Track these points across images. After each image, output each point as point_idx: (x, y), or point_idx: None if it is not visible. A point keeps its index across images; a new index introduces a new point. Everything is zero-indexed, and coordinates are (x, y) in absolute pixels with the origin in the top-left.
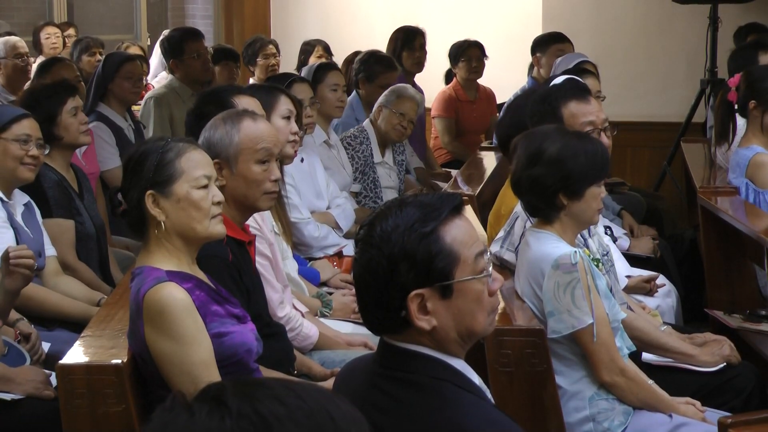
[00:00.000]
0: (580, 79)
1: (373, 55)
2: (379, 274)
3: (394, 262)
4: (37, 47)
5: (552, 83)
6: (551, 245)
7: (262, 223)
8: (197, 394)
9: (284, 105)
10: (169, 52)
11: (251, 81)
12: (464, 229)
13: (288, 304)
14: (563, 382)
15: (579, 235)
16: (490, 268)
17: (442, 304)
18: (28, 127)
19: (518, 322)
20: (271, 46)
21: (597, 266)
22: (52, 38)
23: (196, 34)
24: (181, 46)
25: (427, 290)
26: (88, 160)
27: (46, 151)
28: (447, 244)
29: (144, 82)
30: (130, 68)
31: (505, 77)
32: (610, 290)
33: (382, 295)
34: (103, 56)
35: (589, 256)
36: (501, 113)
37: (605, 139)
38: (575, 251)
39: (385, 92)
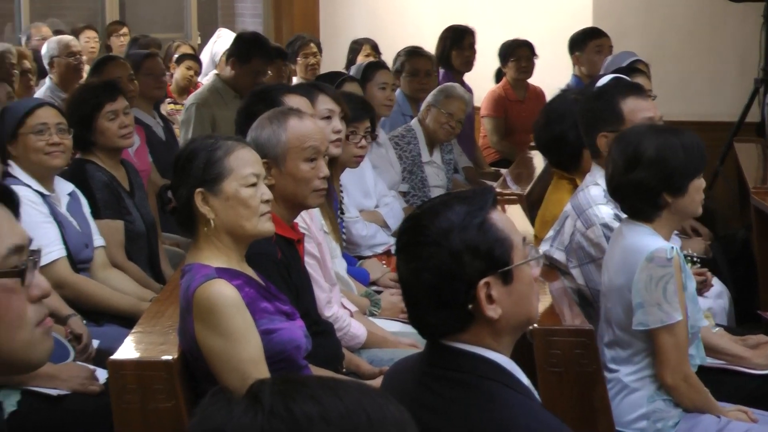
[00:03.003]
0: (627, 78)
1: (403, 49)
2: (443, 271)
3: (458, 255)
4: None
5: (599, 82)
6: (648, 238)
7: (310, 222)
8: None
9: (323, 105)
10: (235, 50)
11: (294, 80)
12: (506, 218)
13: (336, 304)
14: (626, 378)
15: None
16: (536, 252)
17: (505, 291)
18: (42, 116)
19: (567, 322)
20: (311, 45)
21: (689, 266)
22: (91, 42)
23: (269, 54)
24: (248, 55)
25: (491, 278)
26: (139, 158)
27: (71, 135)
28: (501, 231)
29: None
30: (150, 65)
31: (555, 76)
32: None
33: (446, 291)
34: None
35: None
36: (539, 117)
37: None
38: (671, 247)
39: (434, 91)
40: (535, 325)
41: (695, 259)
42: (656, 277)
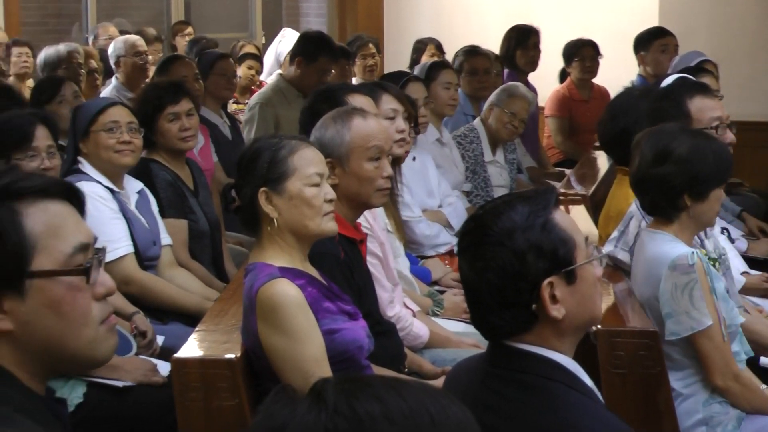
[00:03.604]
0: (692, 77)
1: (461, 49)
2: (507, 271)
3: (522, 255)
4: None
5: (664, 82)
6: (668, 246)
7: (373, 222)
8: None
9: (387, 104)
10: (301, 49)
11: (353, 81)
12: (568, 217)
13: (398, 304)
14: (677, 384)
15: (695, 236)
16: (599, 251)
17: (569, 291)
18: (114, 114)
19: (631, 323)
20: (370, 46)
21: (714, 266)
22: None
23: (335, 53)
24: (315, 55)
25: (555, 278)
26: (203, 157)
27: (142, 135)
28: (564, 230)
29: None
30: (223, 65)
31: (620, 76)
32: (727, 292)
33: (511, 292)
34: None
35: (706, 255)
36: (603, 114)
37: (731, 135)
38: (693, 252)
39: (496, 91)
40: (599, 326)
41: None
42: (681, 285)
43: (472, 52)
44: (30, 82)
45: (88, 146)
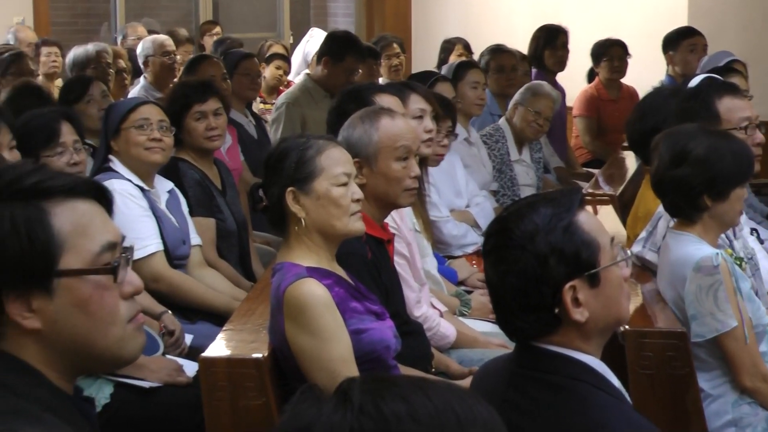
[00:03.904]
0: (720, 77)
1: (487, 48)
2: (529, 274)
3: (543, 258)
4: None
5: (691, 82)
6: (692, 247)
7: (400, 222)
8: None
9: (415, 104)
10: (328, 49)
11: (380, 81)
12: (593, 219)
13: (425, 304)
14: (705, 385)
15: (723, 236)
16: (625, 253)
17: (592, 294)
18: (145, 112)
19: (659, 324)
20: (394, 46)
21: (740, 266)
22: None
23: (362, 53)
24: (342, 54)
25: (578, 281)
26: (230, 157)
27: (173, 133)
28: (587, 233)
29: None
30: (247, 65)
31: (649, 76)
32: (756, 293)
33: (533, 295)
34: None
35: (732, 256)
36: (632, 114)
37: (760, 136)
38: (717, 253)
39: (521, 90)
40: (627, 326)
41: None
42: (705, 287)
43: (498, 50)
44: (59, 82)
45: (119, 144)
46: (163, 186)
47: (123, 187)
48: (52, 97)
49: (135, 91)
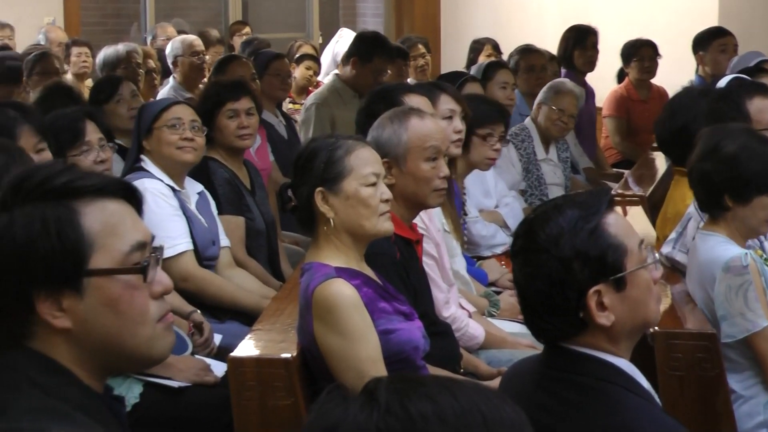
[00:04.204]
0: (749, 78)
1: (515, 48)
2: (553, 278)
3: (568, 262)
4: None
5: (720, 82)
6: (721, 248)
7: (429, 223)
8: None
9: (445, 105)
10: (356, 50)
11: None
12: (622, 221)
13: (453, 304)
14: (737, 386)
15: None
16: (654, 256)
17: (618, 298)
18: (177, 111)
19: (689, 325)
20: (419, 46)
21: None
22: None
23: (391, 53)
24: (370, 55)
25: (603, 285)
26: (260, 157)
27: (204, 133)
28: (613, 236)
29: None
30: (278, 66)
31: (679, 76)
32: None
33: (558, 299)
34: None
35: (762, 256)
36: (661, 112)
37: None
38: (746, 253)
39: (543, 89)
40: (656, 327)
41: None
42: (735, 287)
43: (527, 50)
44: (89, 82)
45: (151, 143)
46: (193, 187)
47: (154, 186)
48: (82, 97)
49: (164, 91)
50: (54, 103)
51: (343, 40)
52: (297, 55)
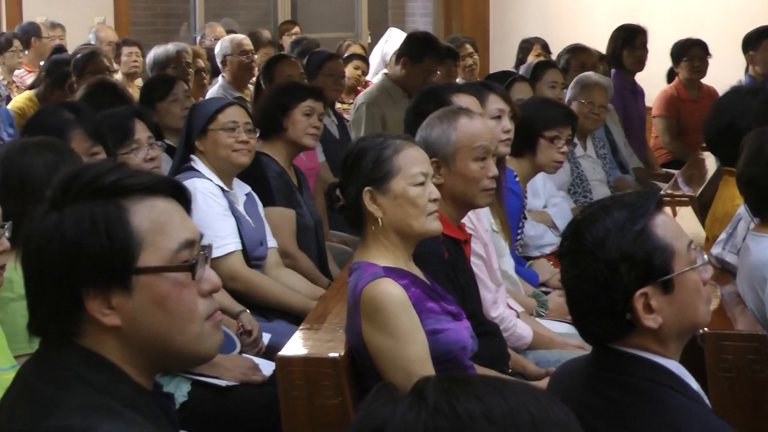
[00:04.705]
0: None
1: (564, 48)
2: (600, 281)
3: (614, 265)
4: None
5: None
6: None
7: (477, 223)
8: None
9: (493, 104)
10: (407, 50)
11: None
12: (671, 222)
13: (501, 304)
14: None
15: None
16: (703, 257)
17: (665, 300)
18: (233, 114)
19: (739, 326)
20: (467, 46)
21: None
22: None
23: (441, 54)
24: (421, 56)
25: (650, 288)
26: (308, 156)
27: (257, 135)
28: (661, 238)
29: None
30: (332, 66)
31: (729, 76)
32: None
33: (604, 301)
34: None
35: None
36: (709, 112)
37: None
38: None
39: (570, 86)
40: (706, 329)
41: None
42: None
43: (577, 48)
44: (138, 82)
45: (205, 144)
46: (242, 188)
47: (204, 186)
48: (128, 94)
49: (213, 90)
50: (99, 100)
51: (393, 39)
52: (345, 55)
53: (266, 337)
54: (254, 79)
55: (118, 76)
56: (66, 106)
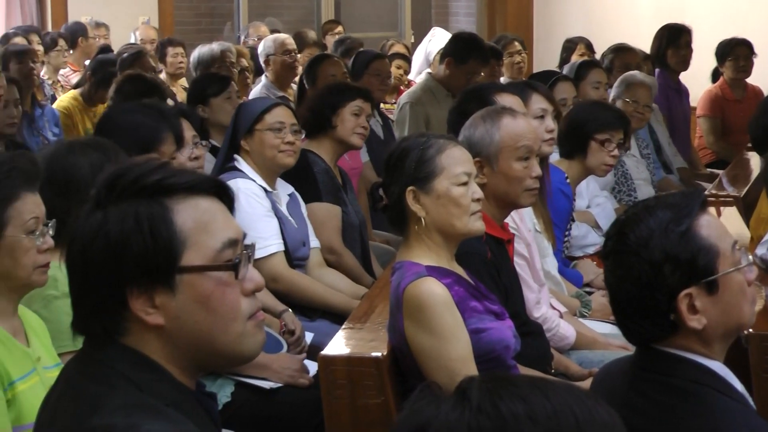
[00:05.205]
0: None
1: (608, 48)
2: (643, 281)
3: (658, 265)
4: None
5: None
6: None
7: (520, 223)
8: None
9: (537, 104)
10: (452, 50)
11: (502, 80)
12: (715, 223)
13: (544, 304)
14: None
15: None
16: (748, 258)
17: (710, 301)
18: (280, 114)
19: None
20: (515, 44)
21: None
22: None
23: (486, 56)
24: (466, 57)
25: (694, 288)
26: (351, 156)
27: (302, 136)
28: (705, 239)
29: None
30: (378, 66)
31: None
32: None
33: (648, 302)
34: None
35: None
36: (755, 111)
37: None
38: None
39: (614, 85)
40: (751, 329)
41: None
42: None
43: (622, 48)
44: (182, 82)
45: (251, 144)
46: (284, 189)
47: (247, 186)
48: (162, 86)
49: (256, 90)
50: (130, 90)
51: (436, 39)
52: (388, 54)
53: (309, 337)
54: (297, 78)
55: (162, 76)
56: (154, 108)
